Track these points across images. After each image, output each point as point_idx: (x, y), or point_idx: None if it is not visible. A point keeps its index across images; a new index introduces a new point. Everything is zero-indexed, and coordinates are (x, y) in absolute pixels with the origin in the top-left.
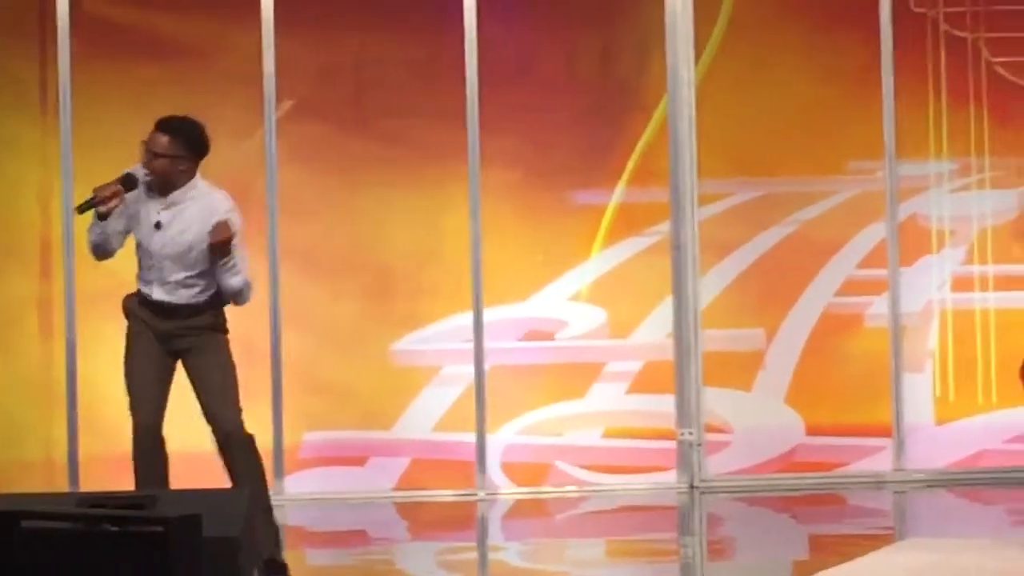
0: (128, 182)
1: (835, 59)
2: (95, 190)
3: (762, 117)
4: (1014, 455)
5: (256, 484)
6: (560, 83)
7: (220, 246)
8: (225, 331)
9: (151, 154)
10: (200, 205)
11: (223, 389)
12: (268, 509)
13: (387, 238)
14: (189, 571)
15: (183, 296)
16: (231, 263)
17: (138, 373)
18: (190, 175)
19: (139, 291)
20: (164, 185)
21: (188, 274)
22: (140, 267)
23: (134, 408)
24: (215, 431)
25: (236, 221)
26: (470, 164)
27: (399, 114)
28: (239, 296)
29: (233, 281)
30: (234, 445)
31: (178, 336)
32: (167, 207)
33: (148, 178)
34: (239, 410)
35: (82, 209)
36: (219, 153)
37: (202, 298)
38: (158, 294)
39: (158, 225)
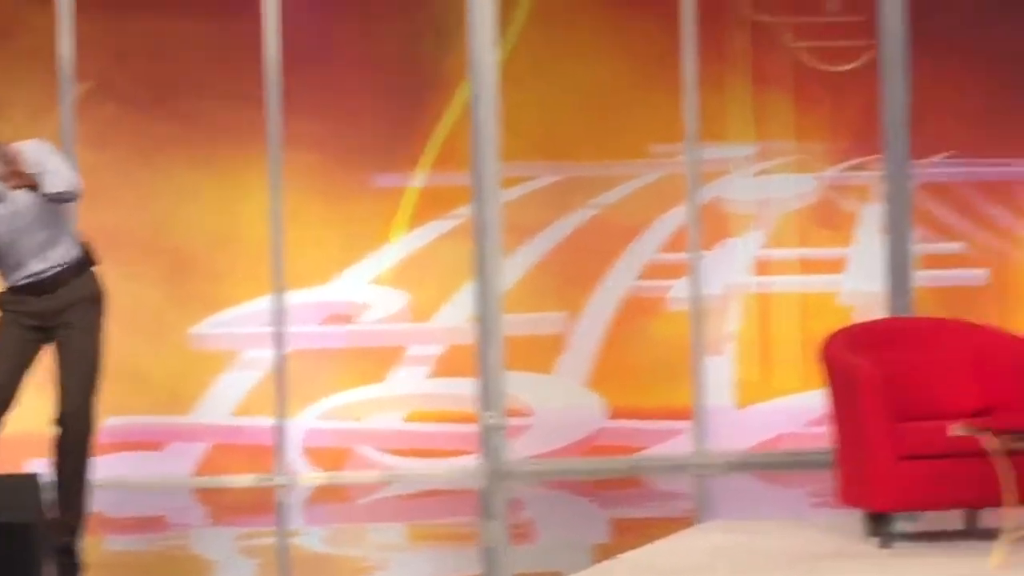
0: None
1: (638, 42)
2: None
3: (565, 100)
4: (814, 438)
5: (83, 469)
6: (361, 64)
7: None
8: (101, 301)
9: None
10: None
11: (81, 370)
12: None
13: (187, 221)
14: None
15: (54, 257)
16: (42, 172)
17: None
18: None
19: (8, 288)
20: None
21: (50, 231)
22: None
23: None
24: (57, 407)
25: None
26: (269, 145)
27: (198, 95)
28: (66, 196)
29: (56, 183)
30: (71, 427)
31: (56, 314)
32: None
33: None
34: (89, 394)
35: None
36: (16, 134)
37: (70, 256)
38: (35, 266)
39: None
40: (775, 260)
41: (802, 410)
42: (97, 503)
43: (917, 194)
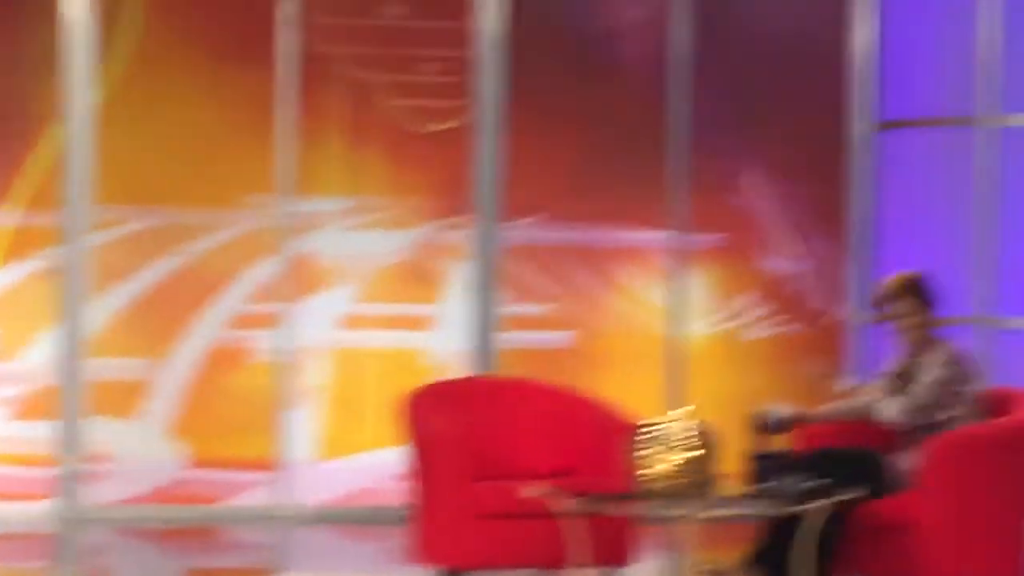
0: None
1: (237, 92)
2: None
3: (161, 146)
4: (394, 493)
5: None
6: None
7: None
8: None
9: None
10: None
11: None
12: None
13: None
14: None
15: None
16: None
17: None
18: None
19: None
20: None
21: None
22: None
23: None
24: None
25: None
26: None
27: None
28: None
29: None
30: None
31: None
32: None
33: None
34: None
35: None
36: None
37: None
38: None
39: None
40: (364, 315)
41: (384, 465)
42: None
43: (506, 255)
